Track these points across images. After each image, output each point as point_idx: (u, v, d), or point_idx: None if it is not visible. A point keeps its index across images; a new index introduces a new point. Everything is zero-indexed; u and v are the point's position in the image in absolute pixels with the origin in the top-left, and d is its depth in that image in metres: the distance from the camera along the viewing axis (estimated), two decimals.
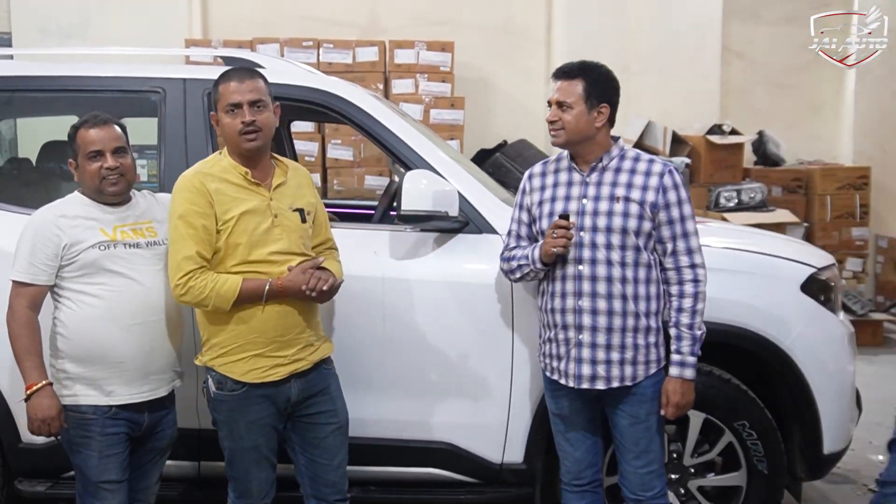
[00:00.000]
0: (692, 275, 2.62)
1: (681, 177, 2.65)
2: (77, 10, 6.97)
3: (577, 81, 2.60)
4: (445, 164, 3.12)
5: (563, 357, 2.65)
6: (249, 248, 2.55)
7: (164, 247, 2.66)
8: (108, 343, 2.56)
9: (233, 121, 2.56)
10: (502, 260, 2.80)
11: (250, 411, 2.60)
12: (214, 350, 2.61)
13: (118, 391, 2.59)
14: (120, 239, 2.60)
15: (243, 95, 2.55)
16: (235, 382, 2.58)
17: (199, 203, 2.52)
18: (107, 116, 2.63)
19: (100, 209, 2.63)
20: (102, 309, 2.56)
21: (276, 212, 2.60)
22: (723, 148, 6.96)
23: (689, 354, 2.61)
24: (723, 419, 3.03)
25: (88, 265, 2.55)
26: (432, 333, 3.04)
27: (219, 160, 2.63)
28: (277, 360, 2.60)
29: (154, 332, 2.64)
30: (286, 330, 2.60)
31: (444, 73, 6.71)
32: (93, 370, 2.57)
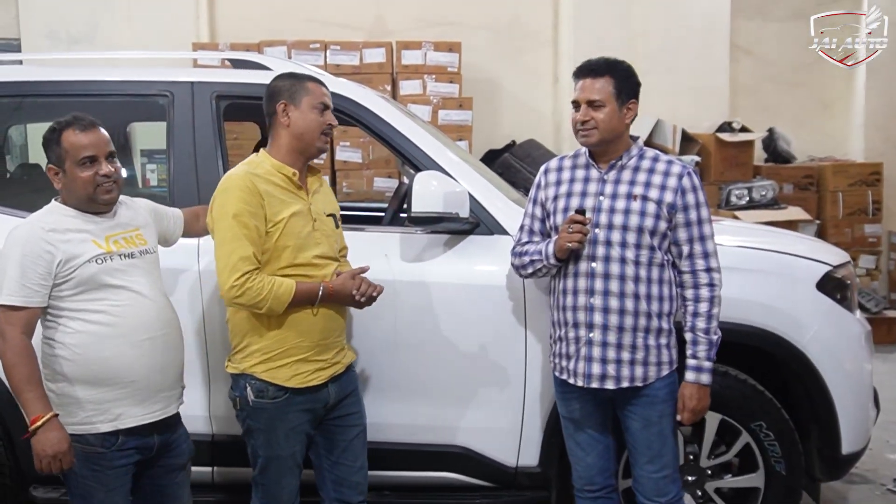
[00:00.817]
0: (708, 279, 2.59)
1: (699, 179, 2.62)
2: (85, 16, 6.98)
3: (605, 79, 2.57)
4: (455, 165, 3.09)
5: (572, 356, 2.62)
6: (296, 251, 2.54)
7: (155, 255, 2.60)
8: (120, 362, 2.40)
9: (318, 118, 2.59)
10: (513, 255, 2.77)
11: (290, 419, 2.58)
12: (255, 356, 2.57)
13: (128, 413, 2.42)
14: (115, 250, 2.45)
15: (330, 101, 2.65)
16: (278, 389, 2.56)
17: (252, 203, 2.48)
18: (91, 118, 2.48)
19: (88, 220, 2.45)
20: (110, 326, 2.39)
21: (315, 216, 2.62)
22: (733, 145, 6.93)
23: (705, 359, 2.58)
24: (739, 420, 2.99)
25: (86, 281, 2.37)
26: (444, 336, 3.02)
27: (261, 162, 2.59)
28: (319, 364, 2.60)
29: (164, 347, 2.50)
30: (329, 333, 2.61)
31: (452, 74, 6.68)
32: (102, 392, 2.39)
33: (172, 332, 2.55)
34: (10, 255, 2.34)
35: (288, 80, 2.65)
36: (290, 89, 2.61)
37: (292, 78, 2.66)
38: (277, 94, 2.62)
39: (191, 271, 3.03)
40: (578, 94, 2.58)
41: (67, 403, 2.39)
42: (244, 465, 3.09)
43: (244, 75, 3.29)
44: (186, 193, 3.09)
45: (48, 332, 2.42)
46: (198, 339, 3.04)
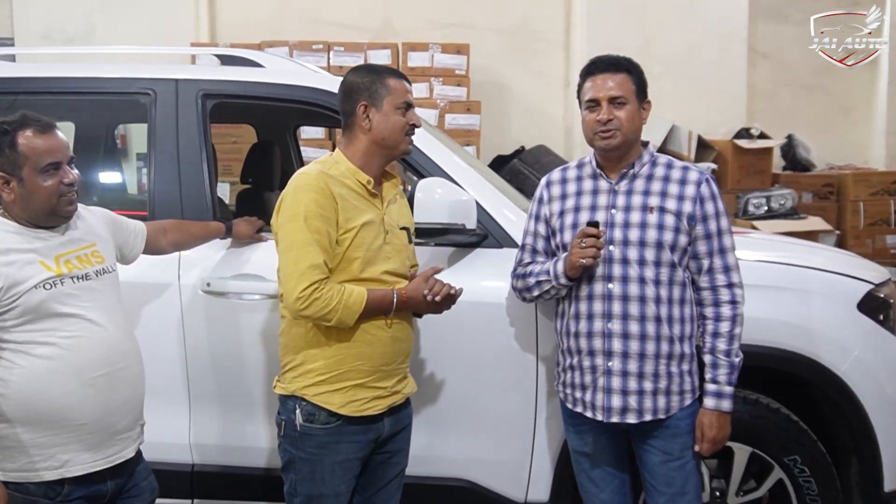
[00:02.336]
0: (729, 295, 2.34)
1: (718, 187, 2.37)
2: (82, 15, 6.80)
3: (625, 75, 2.34)
4: (462, 172, 2.84)
5: (588, 387, 2.36)
6: (364, 264, 2.28)
7: (114, 273, 2.30)
8: (68, 402, 2.09)
9: (401, 119, 2.34)
10: (515, 277, 2.52)
11: (339, 450, 2.30)
12: (308, 377, 2.30)
13: (76, 459, 2.12)
14: (66, 272, 2.13)
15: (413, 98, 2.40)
16: (330, 415, 2.28)
17: (325, 206, 2.21)
18: (46, 119, 2.16)
19: (35, 236, 2.13)
20: (58, 361, 2.08)
21: (388, 228, 2.36)
22: (751, 153, 6.69)
23: (726, 384, 2.33)
24: (771, 453, 2.72)
25: (33, 310, 2.07)
26: (447, 359, 2.76)
27: (335, 163, 2.33)
28: (378, 392, 2.33)
29: (121, 384, 2.19)
30: (392, 358, 2.35)
31: (460, 77, 6.47)
32: (47, 436, 2.09)
33: (131, 366, 2.25)
34: None
35: (367, 75, 2.35)
36: (370, 88, 2.33)
37: (372, 74, 2.36)
38: (356, 93, 2.34)
39: (171, 287, 2.78)
40: (597, 92, 2.32)
41: (7, 447, 2.10)
42: (226, 498, 2.86)
43: (234, 73, 3.05)
44: (168, 201, 2.84)
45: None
46: (179, 361, 2.80)
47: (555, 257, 2.40)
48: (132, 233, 2.51)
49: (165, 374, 2.80)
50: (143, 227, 2.55)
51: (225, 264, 2.78)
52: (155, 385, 2.73)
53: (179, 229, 2.68)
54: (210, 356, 2.78)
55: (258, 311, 2.74)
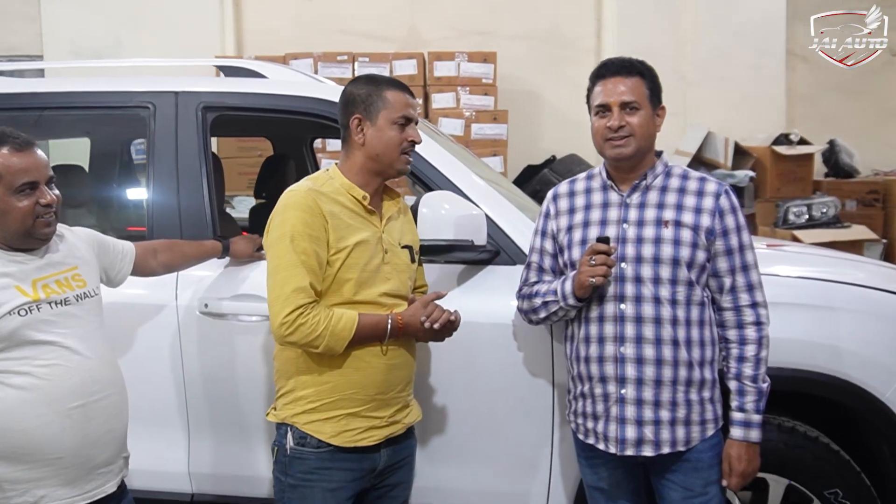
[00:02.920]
0: (754, 316, 2.15)
1: (737, 199, 2.18)
2: (109, 31, 6.85)
3: (637, 78, 2.17)
4: (472, 184, 2.69)
5: (600, 416, 2.19)
6: (358, 286, 2.16)
7: (96, 298, 2.18)
8: (43, 434, 1.98)
9: (398, 135, 2.20)
10: (521, 298, 2.35)
11: (331, 476, 2.18)
12: (299, 404, 2.19)
13: (53, 495, 2.00)
14: (43, 297, 2.02)
15: (415, 113, 2.25)
16: (321, 442, 2.17)
17: (313, 226, 2.10)
18: (25, 136, 2.05)
19: (10, 260, 2.03)
20: (33, 391, 1.97)
21: (386, 247, 2.23)
22: (790, 159, 6.44)
23: (754, 412, 2.15)
24: (810, 486, 2.51)
25: (7, 337, 1.96)
26: (458, 384, 2.60)
27: (329, 179, 2.22)
28: (373, 422, 2.20)
29: (100, 415, 2.07)
30: (389, 386, 2.22)
31: (487, 86, 6.35)
32: (21, 470, 1.98)
33: (111, 396, 2.12)
34: None
35: (364, 86, 2.23)
36: (366, 100, 2.21)
37: (370, 85, 2.23)
38: (352, 105, 2.22)
39: (169, 308, 2.66)
40: (607, 96, 2.15)
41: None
42: None
43: (236, 84, 2.93)
44: (166, 218, 2.73)
45: None
46: (176, 387, 2.68)
47: (563, 276, 2.23)
48: (119, 254, 2.40)
49: (163, 399, 2.69)
50: (131, 248, 2.44)
51: (223, 284, 2.66)
52: (152, 411, 2.66)
53: (171, 249, 2.56)
54: (208, 381, 2.66)
55: (258, 333, 2.61)
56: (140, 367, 2.59)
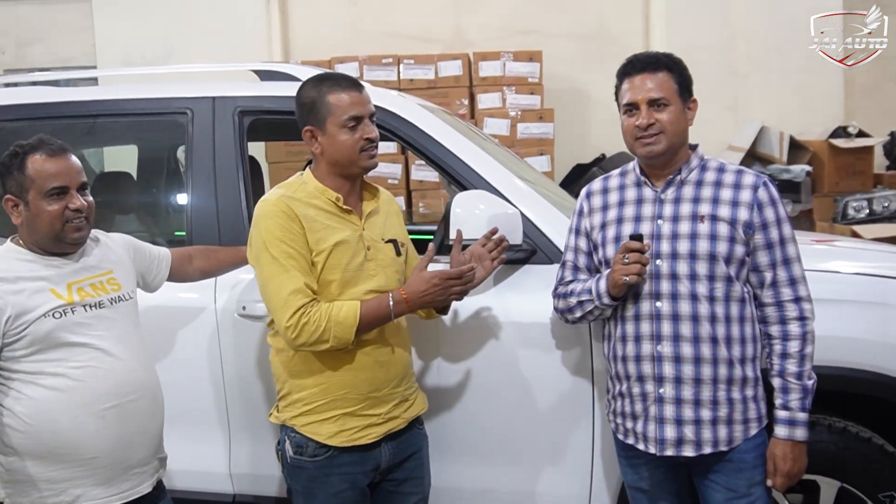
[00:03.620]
0: (797, 311, 2.08)
1: (778, 191, 2.10)
2: (160, 41, 6.98)
3: (665, 73, 2.12)
4: (509, 183, 2.65)
5: (639, 416, 2.13)
6: (342, 286, 2.15)
7: (131, 301, 2.22)
8: (77, 435, 2.03)
9: (351, 137, 2.17)
10: (556, 297, 2.31)
11: (332, 482, 2.18)
12: (296, 407, 2.20)
13: (88, 494, 2.05)
14: (77, 300, 2.07)
15: (365, 108, 2.21)
16: (319, 446, 2.18)
17: (291, 229, 2.10)
18: (60, 143, 2.12)
19: (46, 264, 2.09)
20: (67, 392, 2.02)
21: (368, 244, 2.22)
22: (849, 152, 6.27)
23: (799, 410, 2.07)
24: (863, 488, 2.42)
25: (42, 339, 2.01)
26: (494, 384, 2.57)
27: (302, 183, 2.22)
28: (370, 420, 2.20)
29: (134, 416, 2.11)
30: (382, 384, 2.22)
31: (533, 85, 6.29)
32: (58, 470, 2.03)
33: (146, 398, 2.16)
34: None
35: (309, 92, 2.21)
36: (313, 109, 2.19)
37: (313, 90, 2.21)
38: (302, 118, 2.23)
39: (208, 311, 2.68)
40: (635, 94, 2.11)
41: (18, 481, 2.04)
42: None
43: (271, 88, 2.94)
44: (204, 222, 2.76)
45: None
46: (216, 388, 2.70)
47: (598, 274, 2.18)
48: (155, 259, 2.43)
49: (203, 401, 2.70)
50: (167, 254, 2.48)
51: None
52: (193, 413, 2.68)
53: (207, 256, 2.59)
54: (247, 382, 2.68)
55: None
56: (180, 370, 2.62)
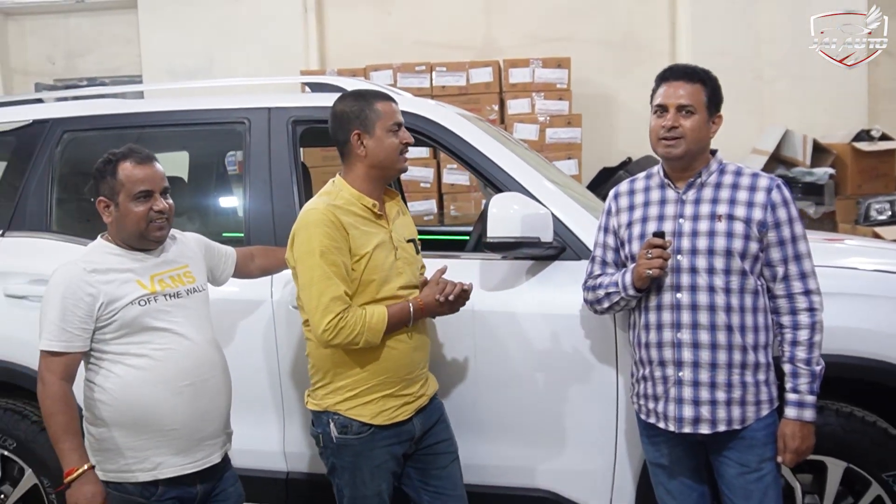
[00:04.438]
0: (807, 302, 2.28)
1: (790, 192, 2.31)
2: (201, 50, 7.27)
3: (698, 85, 2.33)
4: (540, 186, 2.87)
5: (660, 397, 2.35)
6: (380, 285, 2.40)
7: (204, 292, 2.47)
8: (159, 409, 2.27)
9: (395, 140, 2.45)
10: (586, 289, 2.53)
11: (375, 455, 2.44)
12: (339, 393, 2.43)
13: (168, 462, 2.30)
14: (159, 290, 2.32)
15: (401, 117, 2.51)
16: (362, 426, 2.42)
17: (336, 238, 2.33)
18: (147, 151, 2.38)
19: (132, 258, 2.34)
20: (150, 371, 2.27)
21: (396, 244, 2.49)
22: (872, 155, 6.39)
23: (807, 393, 2.27)
24: (868, 469, 2.61)
25: (128, 324, 2.26)
26: (527, 370, 2.79)
27: (340, 191, 2.45)
28: (405, 399, 2.47)
29: (207, 393, 2.36)
30: (415, 367, 2.49)
31: (561, 91, 6.49)
32: (141, 440, 2.28)
33: (217, 377, 2.41)
34: (51, 298, 2.24)
35: (355, 103, 2.47)
36: (360, 115, 2.44)
37: (359, 101, 2.47)
38: (348, 122, 2.45)
39: (265, 304, 2.94)
40: (666, 98, 2.32)
41: (107, 449, 2.30)
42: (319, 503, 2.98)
43: (321, 99, 3.19)
44: (261, 224, 3.01)
45: (90, 374, 2.32)
46: (271, 374, 2.95)
47: (624, 268, 2.40)
48: (223, 257, 2.69)
49: (260, 386, 2.95)
50: (233, 252, 2.73)
51: None
52: (251, 397, 2.92)
53: (266, 255, 2.85)
54: (301, 369, 2.91)
55: None
56: (241, 357, 2.84)
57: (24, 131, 3.30)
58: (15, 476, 3.09)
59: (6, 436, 3.03)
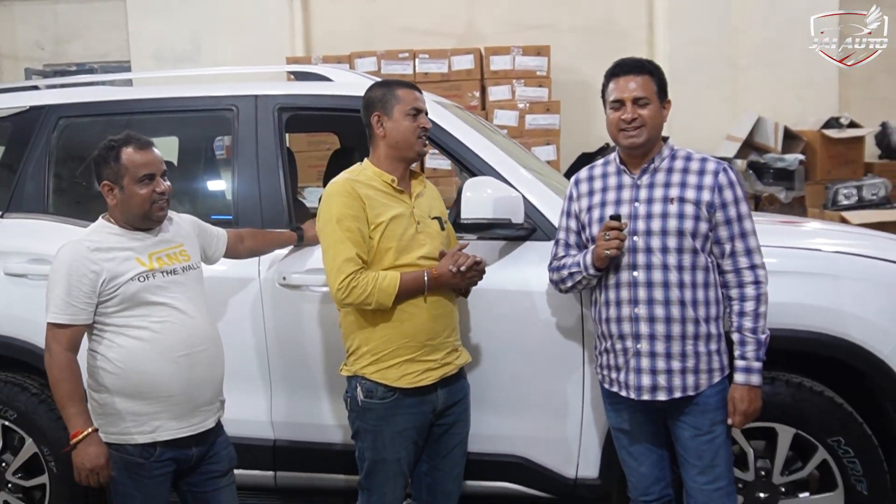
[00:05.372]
0: (753, 276, 2.47)
1: (736, 174, 2.51)
2: (188, 36, 7.37)
3: (647, 77, 2.51)
4: (512, 171, 3.04)
5: (621, 368, 2.53)
6: (398, 253, 2.59)
7: (198, 270, 2.65)
8: (158, 376, 2.45)
9: (412, 123, 2.64)
10: (551, 270, 2.71)
11: (397, 421, 2.62)
12: (366, 358, 2.62)
13: (165, 426, 2.48)
14: (157, 267, 2.49)
15: (424, 105, 2.70)
16: (387, 390, 2.60)
17: (353, 206, 2.55)
18: (146, 138, 2.54)
19: (132, 237, 2.51)
20: (150, 342, 2.45)
21: (418, 219, 2.66)
22: (840, 142, 6.58)
23: (754, 360, 2.47)
24: (815, 435, 2.81)
25: (129, 298, 2.43)
26: (501, 345, 2.98)
27: (363, 169, 2.68)
28: (428, 365, 2.62)
29: (202, 363, 2.53)
30: (436, 333, 2.63)
31: (541, 78, 6.64)
32: (141, 405, 2.46)
33: (211, 348, 2.59)
34: (57, 274, 2.41)
35: (379, 90, 2.70)
36: (382, 99, 2.66)
37: (383, 87, 2.70)
38: (371, 106, 2.68)
39: (253, 281, 3.11)
40: (621, 93, 2.50)
41: (108, 413, 2.48)
42: (305, 471, 3.17)
43: (306, 87, 3.35)
44: (249, 204, 3.17)
45: (93, 345, 2.49)
46: (258, 347, 3.12)
47: (585, 250, 2.58)
48: (215, 237, 2.86)
49: (249, 359, 3.12)
50: (224, 234, 2.90)
51: (298, 260, 3.08)
52: (240, 369, 3.09)
53: (255, 237, 3.02)
54: (287, 343, 3.10)
55: (327, 301, 3.02)
56: (231, 331, 3.00)
57: (21, 117, 3.45)
58: (16, 445, 3.25)
59: (7, 407, 3.19)
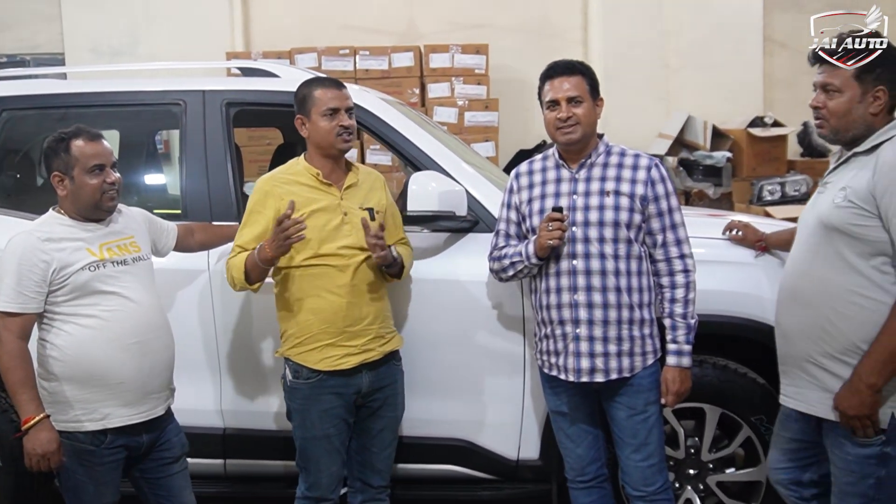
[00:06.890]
0: (682, 265, 2.64)
1: (666, 170, 2.67)
2: (126, 29, 7.25)
3: (579, 77, 2.65)
4: (456, 166, 3.16)
5: (561, 352, 2.67)
6: (319, 243, 2.70)
7: (148, 261, 2.70)
8: (108, 364, 2.49)
9: (329, 123, 2.73)
10: (492, 260, 2.82)
11: (323, 400, 2.73)
12: (290, 341, 2.76)
13: (115, 413, 2.52)
14: (108, 257, 2.54)
15: (342, 102, 2.76)
16: (311, 371, 2.72)
17: (263, 202, 2.73)
18: (95, 130, 2.59)
19: (83, 228, 2.55)
20: (100, 330, 2.49)
21: (345, 210, 2.76)
22: (765, 140, 6.84)
23: (685, 343, 2.64)
24: (740, 413, 3.01)
25: (80, 287, 2.48)
26: (446, 332, 3.09)
27: (296, 163, 2.81)
28: (348, 350, 2.73)
29: (151, 351, 2.58)
30: (354, 321, 2.74)
31: (479, 76, 6.74)
32: (91, 392, 2.49)
33: (162, 336, 2.64)
34: (8, 263, 2.45)
35: (301, 91, 2.82)
36: (301, 101, 2.79)
37: (305, 88, 2.82)
38: (296, 109, 2.81)
39: (202, 272, 3.17)
40: (556, 93, 2.63)
41: (59, 402, 2.51)
42: (255, 458, 3.23)
43: (253, 83, 3.41)
44: (197, 198, 3.22)
45: (43, 333, 2.53)
46: (208, 337, 3.18)
47: (526, 240, 2.71)
48: (164, 230, 2.92)
49: (199, 349, 3.18)
50: (174, 227, 2.96)
51: None
52: (191, 359, 3.14)
53: (205, 231, 3.10)
54: (235, 333, 3.16)
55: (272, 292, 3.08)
56: (181, 322, 3.04)
57: None
58: None
59: None
